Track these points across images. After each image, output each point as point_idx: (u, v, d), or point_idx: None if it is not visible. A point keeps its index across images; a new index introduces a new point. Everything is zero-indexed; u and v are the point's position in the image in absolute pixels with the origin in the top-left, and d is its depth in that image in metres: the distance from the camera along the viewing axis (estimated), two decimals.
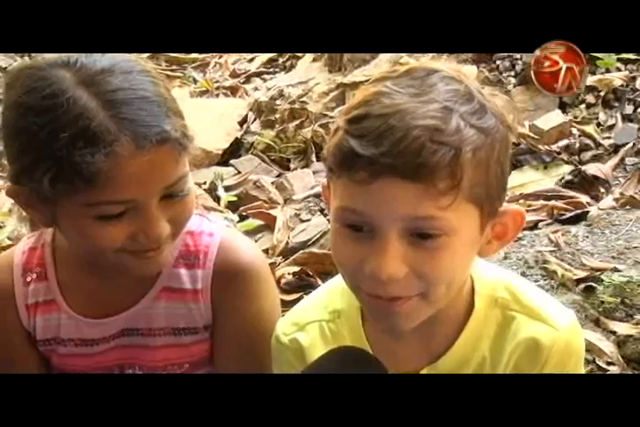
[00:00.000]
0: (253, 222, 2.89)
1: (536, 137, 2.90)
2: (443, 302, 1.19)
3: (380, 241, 1.10)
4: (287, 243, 2.71)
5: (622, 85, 3.06)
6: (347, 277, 1.19)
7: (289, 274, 2.50)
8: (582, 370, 1.32)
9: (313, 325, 1.33)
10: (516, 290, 1.28)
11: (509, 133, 1.16)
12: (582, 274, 2.20)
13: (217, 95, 4.04)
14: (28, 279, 1.49)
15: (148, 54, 4.18)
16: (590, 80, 2.96)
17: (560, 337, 1.23)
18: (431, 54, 3.35)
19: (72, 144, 1.21)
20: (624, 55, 3.09)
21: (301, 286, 2.45)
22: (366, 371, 1.19)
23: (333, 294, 1.35)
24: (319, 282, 2.42)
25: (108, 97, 1.23)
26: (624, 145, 2.88)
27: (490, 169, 1.11)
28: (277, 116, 3.57)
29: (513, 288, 1.28)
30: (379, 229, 1.10)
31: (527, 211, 2.38)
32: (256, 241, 2.77)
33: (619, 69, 3.10)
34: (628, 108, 3.01)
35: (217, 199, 3.10)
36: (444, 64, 1.17)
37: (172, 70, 4.29)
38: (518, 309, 1.26)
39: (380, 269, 1.10)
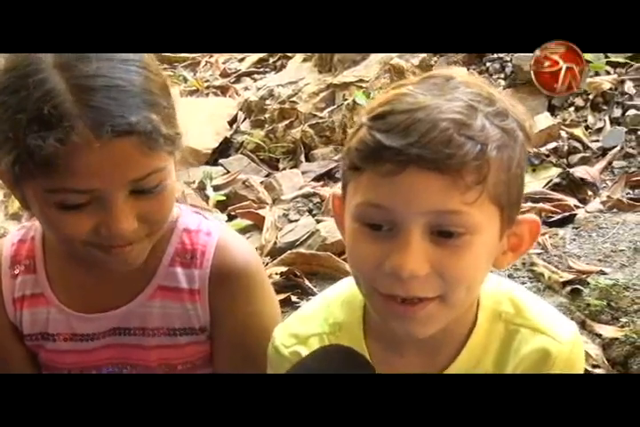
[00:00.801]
0: (242, 222, 2.89)
1: None
2: (461, 308, 1.18)
3: (403, 237, 1.09)
4: (275, 243, 2.71)
5: (611, 89, 3.07)
6: (362, 278, 1.17)
7: (276, 274, 2.49)
8: None
9: (314, 338, 1.31)
10: (519, 303, 1.27)
11: (528, 141, 1.16)
12: (569, 277, 2.21)
13: (207, 94, 4.04)
14: (16, 272, 1.47)
15: None
16: None
17: (563, 350, 1.23)
18: (423, 55, 3.38)
19: (29, 127, 1.19)
20: (613, 58, 3.10)
21: (289, 286, 2.45)
22: (353, 369, 1.19)
23: (333, 306, 1.33)
24: (306, 282, 2.43)
25: (78, 82, 1.21)
26: (612, 148, 2.88)
27: (511, 171, 1.12)
28: (267, 115, 3.57)
29: (517, 301, 1.27)
30: (401, 224, 1.09)
31: None
32: None
33: (608, 73, 3.11)
34: (617, 112, 3.02)
35: (205, 199, 3.10)
36: (460, 71, 1.18)
37: (162, 69, 4.29)
38: (522, 322, 1.25)
39: (402, 266, 1.09)
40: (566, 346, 1.23)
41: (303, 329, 1.33)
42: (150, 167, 1.25)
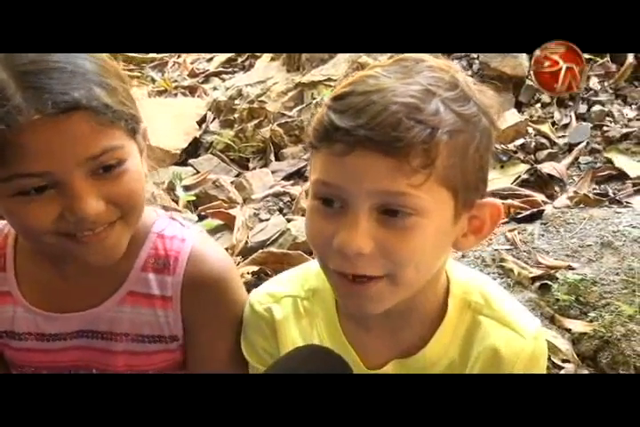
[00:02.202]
0: (212, 222, 2.88)
1: None
2: (412, 288, 1.20)
3: (351, 216, 1.12)
4: (246, 242, 2.71)
5: None
6: (317, 255, 1.20)
7: (248, 273, 2.50)
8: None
9: (288, 299, 1.35)
10: (489, 295, 1.29)
11: (492, 128, 1.18)
12: (538, 272, 2.23)
13: (175, 95, 4.03)
14: None
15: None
16: None
17: (526, 345, 1.26)
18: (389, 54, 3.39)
19: None
20: None
21: (260, 285, 2.45)
22: (331, 369, 1.19)
23: (309, 274, 1.36)
24: None
25: (19, 68, 1.20)
26: (578, 144, 2.91)
27: (467, 156, 1.13)
28: (236, 115, 3.57)
29: (486, 294, 1.29)
30: (350, 203, 1.12)
31: None
32: (215, 241, 2.76)
33: None
34: (582, 108, 3.04)
35: (175, 199, 3.09)
36: (430, 57, 1.19)
37: (130, 70, 4.27)
38: (489, 314, 1.28)
39: (348, 243, 1.11)
40: (529, 341, 1.26)
41: (279, 289, 1.37)
42: (103, 144, 1.24)
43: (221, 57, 4.18)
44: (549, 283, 2.19)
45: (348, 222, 1.12)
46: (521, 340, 1.25)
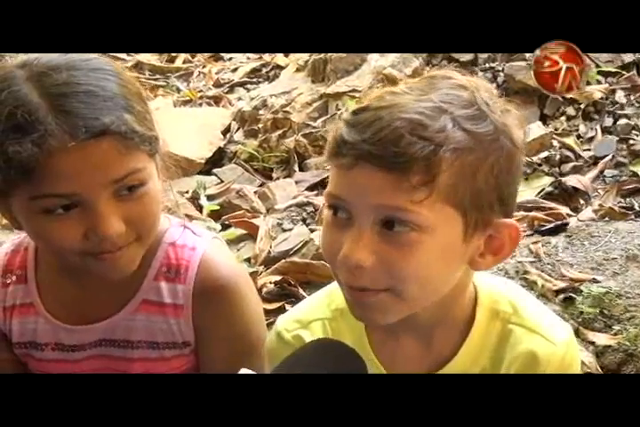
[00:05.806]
0: (236, 231, 2.89)
1: None
2: (421, 303, 1.19)
3: (356, 228, 1.13)
4: (269, 252, 2.71)
5: (602, 98, 3.09)
6: (329, 266, 1.21)
7: (270, 283, 2.50)
8: None
9: (316, 323, 1.33)
10: (517, 304, 1.28)
11: (516, 149, 1.17)
12: (562, 285, 2.22)
13: (200, 104, 4.04)
14: (8, 281, 1.48)
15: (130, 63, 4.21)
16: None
17: (556, 351, 1.25)
18: (416, 64, 3.39)
19: (5, 135, 1.22)
20: (604, 68, 3.12)
21: (283, 294, 2.46)
22: (345, 364, 1.18)
23: (335, 293, 1.35)
24: (300, 291, 2.44)
25: (50, 90, 1.24)
26: (603, 157, 2.90)
27: (478, 175, 1.12)
28: (260, 125, 3.58)
29: (515, 302, 1.29)
30: (355, 216, 1.13)
31: None
32: (238, 250, 2.77)
33: (599, 82, 3.13)
34: (608, 121, 3.03)
35: (199, 208, 3.10)
36: (459, 74, 1.19)
37: (155, 79, 4.30)
38: (518, 322, 1.27)
39: (349, 256, 1.12)
40: (560, 347, 1.25)
41: (306, 314, 1.36)
42: (128, 167, 1.27)
43: (246, 67, 4.20)
44: (573, 296, 2.18)
45: (352, 235, 1.13)
46: (551, 346, 1.25)
